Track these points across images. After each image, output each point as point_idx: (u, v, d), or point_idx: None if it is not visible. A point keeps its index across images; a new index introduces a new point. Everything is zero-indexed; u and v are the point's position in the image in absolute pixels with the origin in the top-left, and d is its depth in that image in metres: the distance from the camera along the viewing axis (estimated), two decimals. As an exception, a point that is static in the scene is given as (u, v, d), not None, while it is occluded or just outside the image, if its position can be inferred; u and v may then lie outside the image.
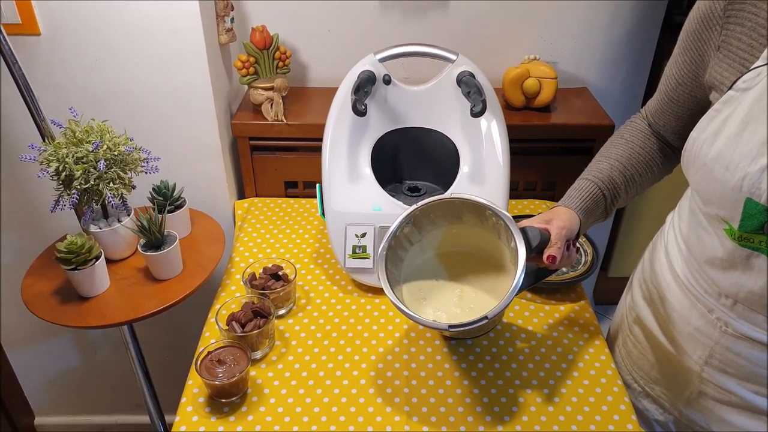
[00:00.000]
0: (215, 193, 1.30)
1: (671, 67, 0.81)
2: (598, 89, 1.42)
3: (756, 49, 0.66)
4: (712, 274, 0.76)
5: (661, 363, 0.90)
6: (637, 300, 0.95)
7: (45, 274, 1.05)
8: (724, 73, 0.70)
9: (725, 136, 0.66)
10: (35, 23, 1.06)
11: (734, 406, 0.80)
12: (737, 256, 0.70)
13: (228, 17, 1.20)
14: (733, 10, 0.68)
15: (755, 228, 0.66)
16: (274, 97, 1.25)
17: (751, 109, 0.64)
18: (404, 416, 0.85)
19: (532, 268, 0.85)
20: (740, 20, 0.67)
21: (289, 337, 0.98)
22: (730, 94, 0.67)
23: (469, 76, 1.04)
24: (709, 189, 0.70)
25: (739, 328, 0.74)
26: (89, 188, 0.96)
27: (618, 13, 1.32)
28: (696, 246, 0.79)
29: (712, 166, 0.67)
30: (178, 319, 1.47)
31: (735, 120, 0.66)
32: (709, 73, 0.73)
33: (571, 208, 0.84)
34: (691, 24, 0.75)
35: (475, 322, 0.74)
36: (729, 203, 0.67)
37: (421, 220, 0.87)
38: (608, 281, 2.02)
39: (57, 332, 1.52)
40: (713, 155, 0.67)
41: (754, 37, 0.66)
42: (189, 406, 0.86)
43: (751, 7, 0.66)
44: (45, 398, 1.69)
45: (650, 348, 0.91)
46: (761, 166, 0.62)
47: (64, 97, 1.14)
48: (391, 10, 1.30)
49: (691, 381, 0.84)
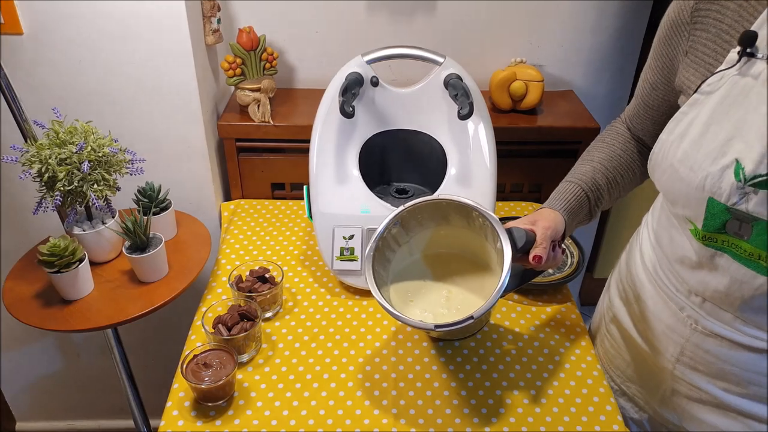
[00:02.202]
0: (201, 195, 1.29)
1: (646, 72, 0.84)
2: (583, 92, 1.43)
3: (720, 54, 0.68)
4: (682, 272, 0.78)
5: (636, 362, 0.91)
6: (614, 300, 0.97)
7: (27, 277, 1.03)
8: (691, 77, 0.72)
9: (690, 138, 0.69)
10: (18, 22, 1.05)
11: (706, 404, 0.81)
12: (702, 255, 0.73)
13: (215, 18, 1.19)
14: (700, 16, 0.70)
15: (717, 227, 0.68)
16: (261, 98, 1.25)
17: (714, 111, 0.67)
18: (392, 418, 0.85)
19: (519, 269, 0.85)
20: (706, 26, 0.70)
21: (276, 340, 0.97)
22: (695, 97, 0.69)
23: (457, 78, 1.04)
24: (675, 189, 0.72)
25: (708, 325, 0.76)
26: (73, 190, 0.95)
27: (603, 17, 1.33)
28: (667, 245, 0.81)
29: (678, 166, 0.70)
30: (164, 323, 1.46)
31: (699, 122, 0.68)
32: (678, 77, 0.75)
33: (556, 210, 0.85)
34: (662, 30, 0.78)
35: (460, 322, 0.75)
36: (693, 203, 0.70)
37: (408, 222, 0.87)
38: (594, 282, 2.03)
39: (39, 336, 1.49)
40: (680, 156, 0.69)
41: (719, 42, 0.69)
42: (174, 410, 0.86)
43: (716, 13, 0.69)
44: (27, 403, 1.66)
45: (626, 347, 0.93)
46: (722, 166, 0.65)
47: (48, 97, 1.13)
48: (379, 12, 1.30)
49: (664, 379, 0.85)
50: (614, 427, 0.85)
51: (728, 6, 0.67)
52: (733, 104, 0.65)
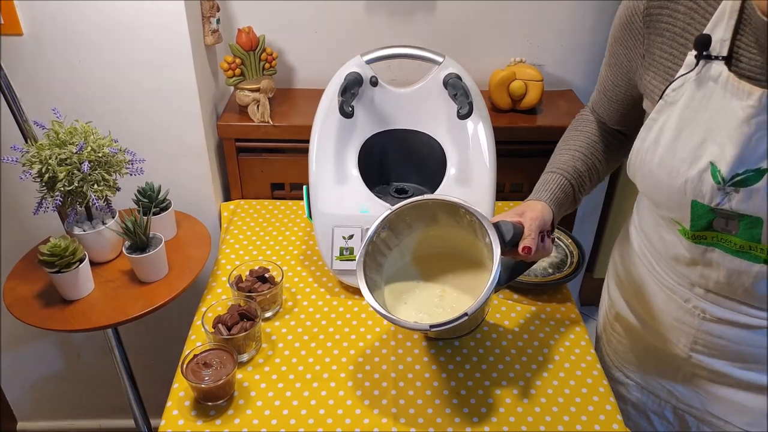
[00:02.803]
0: (201, 195, 1.29)
1: (605, 68, 0.85)
2: (583, 91, 1.43)
3: (677, 57, 0.69)
4: (679, 268, 0.79)
5: (649, 353, 0.92)
6: (615, 297, 0.97)
7: (28, 277, 1.03)
8: (653, 82, 0.73)
9: (663, 144, 0.70)
10: (18, 23, 1.05)
11: (727, 385, 0.82)
12: (695, 253, 0.74)
13: (214, 18, 1.19)
14: (652, 20, 0.71)
15: (704, 226, 0.70)
16: (261, 98, 1.25)
17: (682, 116, 0.68)
18: (391, 418, 0.85)
19: (510, 263, 0.86)
20: (659, 30, 0.71)
21: (275, 339, 0.97)
22: (661, 103, 0.70)
23: (456, 78, 1.04)
24: (657, 194, 0.73)
25: (716, 312, 0.77)
26: (73, 190, 0.95)
27: (602, 16, 1.33)
28: (659, 244, 0.82)
29: (657, 172, 0.71)
30: (164, 323, 1.46)
31: (669, 127, 0.69)
32: (641, 81, 0.76)
33: (542, 201, 0.85)
34: (616, 31, 0.79)
35: (455, 320, 0.75)
36: (677, 206, 0.71)
37: (397, 225, 0.88)
38: (594, 282, 2.03)
39: (40, 336, 1.50)
40: (657, 162, 0.70)
41: (675, 45, 0.69)
42: (175, 410, 0.86)
43: (667, 17, 0.69)
44: (28, 403, 1.66)
45: (635, 341, 0.94)
46: (699, 170, 0.66)
47: (47, 97, 1.13)
48: (378, 11, 1.30)
49: (681, 366, 0.86)
50: (614, 426, 0.85)
51: (678, 9, 0.68)
52: (699, 108, 0.66)
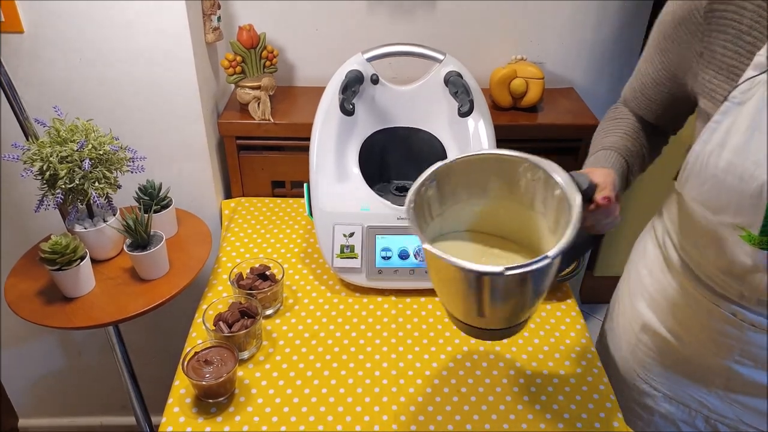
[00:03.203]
0: (202, 193, 1.29)
1: (646, 65, 0.81)
2: (584, 89, 1.43)
3: (743, 56, 0.66)
4: (729, 280, 0.77)
5: (679, 364, 0.89)
6: (640, 308, 0.93)
7: (29, 275, 1.03)
8: (714, 81, 0.70)
9: (732, 147, 0.67)
10: (18, 20, 1.05)
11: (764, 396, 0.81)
12: (758, 258, 0.71)
13: (215, 16, 1.19)
14: (715, 17, 0.68)
15: None
16: (261, 96, 1.25)
17: (754, 119, 0.65)
18: (392, 415, 0.85)
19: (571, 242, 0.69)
20: (723, 27, 0.67)
21: (276, 337, 0.97)
22: (727, 105, 0.67)
23: (457, 76, 1.04)
24: (721, 199, 0.70)
25: (764, 323, 0.75)
26: (74, 188, 0.95)
27: (604, 14, 1.33)
28: (711, 254, 0.78)
29: (724, 176, 0.68)
30: (165, 320, 1.46)
31: (739, 130, 0.66)
32: (695, 79, 0.73)
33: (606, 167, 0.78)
34: (668, 27, 0.75)
35: (535, 262, 0.60)
36: (747, 210, 0.68)
37: (443, 186, 0.73)
38: (594, 280, 2.03)
39: (41, 333, 1.50)
40: (723, 165, 0.68)
41: (740, 44, 0.66)
42: (176, 407, 0.86)
43: (733, 14, 0.66)
44: (29, 400, 1.67)
45: (666, 354, 0.90)
46: None
47: (48, 95, 1.13)
48: (379, 9, 1.30)
49: (717, 377, 0.84)
50: (614, 425, 0.85)
51: (746, 6, 0.65)
52: None
